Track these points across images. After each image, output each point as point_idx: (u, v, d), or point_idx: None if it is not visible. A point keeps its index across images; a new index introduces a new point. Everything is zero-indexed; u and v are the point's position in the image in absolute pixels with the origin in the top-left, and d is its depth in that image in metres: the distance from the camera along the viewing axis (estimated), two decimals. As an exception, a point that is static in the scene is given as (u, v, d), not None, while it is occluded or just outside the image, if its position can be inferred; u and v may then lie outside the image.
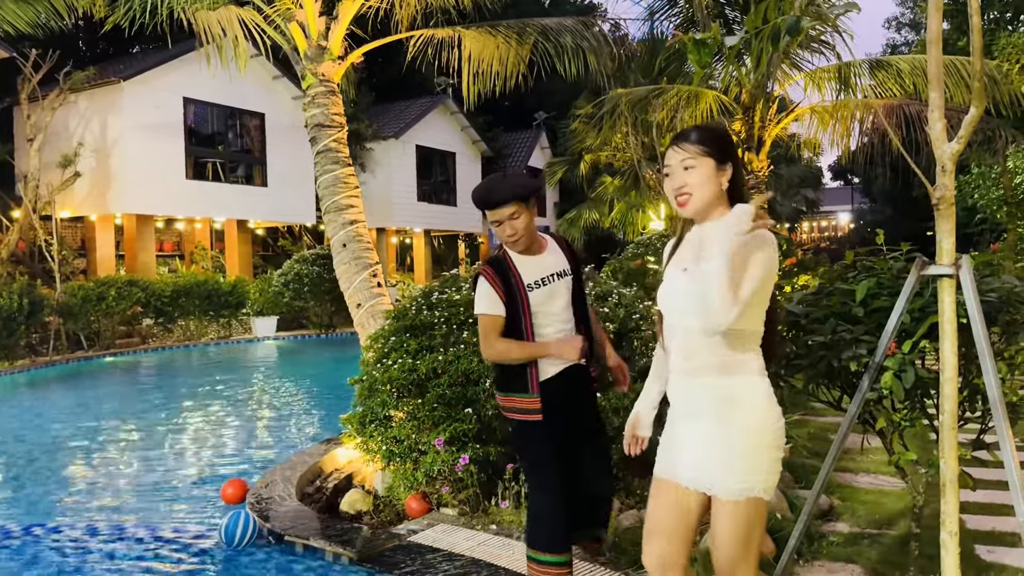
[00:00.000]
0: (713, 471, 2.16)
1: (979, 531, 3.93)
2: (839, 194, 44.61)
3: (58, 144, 16.03)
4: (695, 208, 2.21)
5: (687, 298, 2.19)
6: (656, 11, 10.81)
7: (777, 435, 2.17)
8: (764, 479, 2.14)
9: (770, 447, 2.15)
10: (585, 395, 3.05)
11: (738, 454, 2.13)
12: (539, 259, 2.98)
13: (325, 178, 6.42)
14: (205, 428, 8.21)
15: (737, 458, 2.13)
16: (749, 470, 2.13)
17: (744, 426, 2.14)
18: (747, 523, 2.14)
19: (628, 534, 3.75)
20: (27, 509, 5.41)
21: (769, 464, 2.15)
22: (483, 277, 2.93)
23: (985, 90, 8.30)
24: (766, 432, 2.15)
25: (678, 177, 2.21)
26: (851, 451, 5.31)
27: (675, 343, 2.28)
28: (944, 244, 2.44)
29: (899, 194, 27.73)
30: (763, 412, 2.16)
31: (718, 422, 2.16)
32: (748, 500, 2.13)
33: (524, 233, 2.89)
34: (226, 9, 6.67)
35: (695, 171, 2.19)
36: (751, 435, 2.14)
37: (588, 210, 20.97)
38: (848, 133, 10.63)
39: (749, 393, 2.17)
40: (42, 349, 13.08)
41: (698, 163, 2.19)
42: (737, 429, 2.14)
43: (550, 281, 2.96)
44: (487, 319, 2.91)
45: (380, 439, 4.53)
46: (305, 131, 6.74)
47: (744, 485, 2.12)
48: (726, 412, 2.16)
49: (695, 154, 2.19)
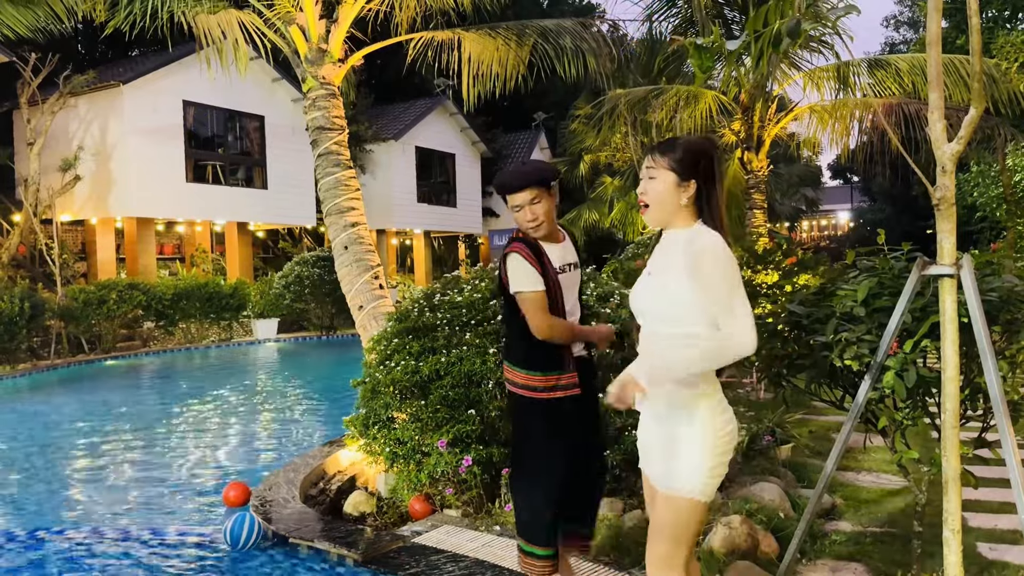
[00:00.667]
0: (655, 464, 2.29)
1: (981, 529, 3.94)
2: (839, 193, 44.62)
3: (58, 148, 16.05)
4: (651, 216, 2.32)
5: (644, 300, 2.32)
6: (655, 12, 10.82)
7: (721, 440, 2.21)
8: (702, 481, 2.17)
9: (712, 451, 2.18)
10: (592, 389, 3.06)
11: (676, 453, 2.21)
12: (560, 247, 2.98)
13: (326, 181, 6.43)
14: (208, 431, 8.23)
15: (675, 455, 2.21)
16: (688, 469, 2.18)
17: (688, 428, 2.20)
18: (675, 519, 2.19)
19: (632, 534, 3.77)
20: (31, 512, 5.42)
21: (709, 469, 2.18)
22: (519, 255, 2.86)
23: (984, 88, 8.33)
24: (709, 435, 2.19)
25: (642, 184, 2.32)
26: (854, 450, 5.33)
27: (641, 344, 2.38)
28: (945, 244, 2.46)
29: (899, 193, 27.74)
30: (708, 417, 2.20)
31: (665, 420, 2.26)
32: (682, 498, 2.18)
33: (545, 219, 2.89)
34: (226, 12, 6.68)
35: (654, 182, 2.27)
36: (694, 438, 2.19)
37: (588, 210, 21.00)
38: (847, 132, 10.65)
39: (697, 397, 2.20)
40: (43, 353, 13.10)
41: (659, 175, 2.26)
42: (682, 429, 2.21)
43: (570, 269, 2.98)
44: (536, 296, 2.84)
45: (383, 441, 4.54)
46: (305, 133, 6.75)
47: (678, 483, 2.19)
48: (674, 411, 2.23)
49: (659, 165, 2.27)
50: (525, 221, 2.90)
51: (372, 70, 23.51)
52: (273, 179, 19.43)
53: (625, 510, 4.11)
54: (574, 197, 23.25)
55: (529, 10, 25.29)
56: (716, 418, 2.21)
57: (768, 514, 3.84)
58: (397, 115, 24.03)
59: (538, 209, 2.87)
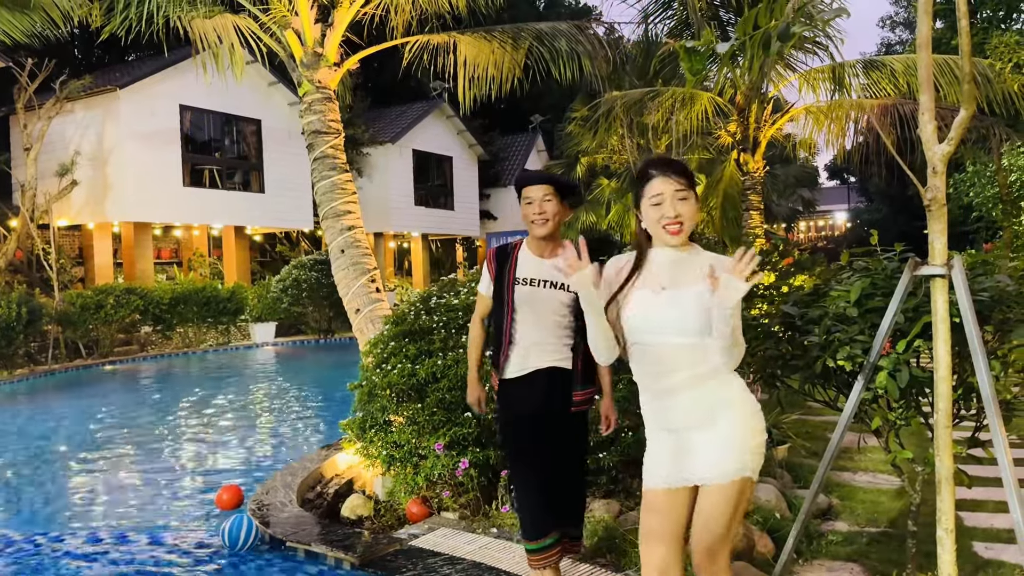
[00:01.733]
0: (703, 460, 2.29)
1: (977, 528, 3.95)
2: (836, 193, 44.69)
3: (55, 153, 16.04)
4: (683, 236, 2.34)
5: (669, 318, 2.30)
6: (651, 14, 10.83)
7: (760, 419, 2.35)
8: (753, 459, 2.29)
9: (756, 431, 2.32)
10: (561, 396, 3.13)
11: (728, 438, 2.28)
12: (543, 262, 3.09)
13: (323, 184, 6.44)
14: (205, 434, 8.22)
15: (728, 441, 2.28)
16: (742, 450, 2.27)
17: (735, 418, 2.29)
18: (737, 502, 2.28)
19: (631, 535, 3.77)
20: (28, 517, 5.42)
21: (757, 446, 2.31)
22: (488, 258, 3.23)
23: (979, 89, 8.33)
24: (753, 418, 2.32)
25: (672, 206, 2.30)
26: (849, 450, 5.34)
27: (649, 362, 2.35)
28: (936, 244, 2.47)
29: (895, 192, 27.80)
30: (747, 403, 2.33)
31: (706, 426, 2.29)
32: (741, 479, 2.27)
33: (551, 218, 3.04)
34: (222, 17, 6.69)
35: (688, 203, 2.31)
36: (741, 424, 2.29)
37: (585, 212, 21.00)
38: (843, 133, 10.67)
39: (733, 391, 2.32)
40: (41, 358, 13.09)
41: (689, 195, 2.32)
42: (729, 422, 2.28)
43: (541, 285, 3.06)
44: (478, 297, 3.30)
45: (380, 444, 4.55)
46: (302, 137, 6.76)
47: (737, 465, 2.26)
48: (718, 412, 2.29)
49: (686, 187, 2.31)
50: (532, 213, 3.04)
51: (369, 73, 23.53)
52: (270, 183, 19.43)
53: (621, 512, 4.12)
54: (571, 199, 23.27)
55: (525, 13, 25.35)
56: (750, 396, 2.35)
57: (764, 514, 3.85)
58: (394, 118, 24.04)
59: (548, 207, 3.02)
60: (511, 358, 3.10)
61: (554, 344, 3.08)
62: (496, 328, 3.22)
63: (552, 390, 3.10)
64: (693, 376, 2.29)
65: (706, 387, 2.29)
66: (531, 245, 3.18)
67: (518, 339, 3.10)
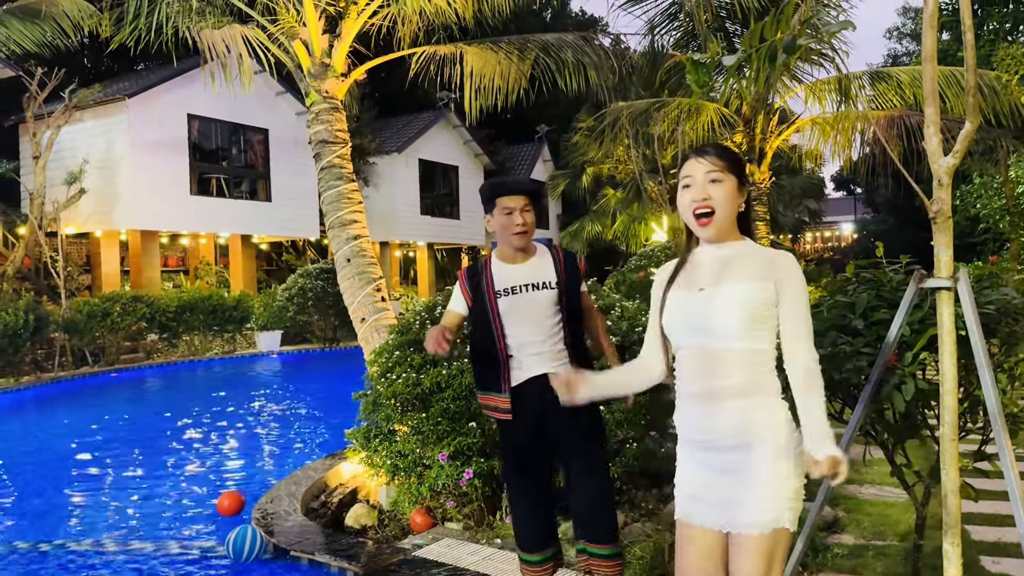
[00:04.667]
0: (736, 504, 2.01)
1: (984, 542, 3.92)
2: (842, 204, 44.61)
3: (64, 161, 16.14)
4: (717, 226, 2.08)
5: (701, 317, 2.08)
6: (657, 26, 10.87)
7: (800, 460, 2.01)
8: (791, 507, 2.00)
9: (794, 474, 2.01)
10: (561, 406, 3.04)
11: (763, 482, 1.99)
12: (518, 268, 3.09)
13: (329, 194, 6.46)
14: (210, 443, 8.23)
15: (763, 486, 1.99)
16: (775, 498, 1.98)
17: (768, 452, 2.00)
18: (771, 558, 1.98)
19: (632, 548, 3.76)
20: (33, 525, 5.43)
21: (795, 491, 2.01)
22: (460, 277, 3.21)
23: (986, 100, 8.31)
24: (790, 457, 2.01)
25: (701, 188, 2.07)
26: (856, 462, 5.31)
27: (687, 366, 2.13)
28: (942, 257, 2.47)
29: (902, 204, 27.74)
30: (786, 436, 2.02)
31: (741, 448, 2.02)
32: (774, 532, 1.98)
33: (530, 229, 3.06)
34: (230, 27, 6.74)
35: (722, 185, 2.07)
36: (776, 461, 2.00)
37: (591, 222, 21.04)
38: (849, 144, 10.68)
39: (771, 416, 2.03)
40: (47, 365, 13.12)
41: (725, 178, 2.07)
42: (761, 455, 2.00)
43: (522, 291, 3.05)
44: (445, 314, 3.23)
45: (384, 453, 4.54)
46: (309, 146, 6.79)
47: (770, 516, 1.98)
48: (748, 436, 2.02)
49: (722, 168, 2.07)
50: (514, 224, 3.01)
51: (376, 83, 23.61)
52: (277, 192, 19.51)
53: (626, 523, 4.11)
54: (577, 209, 23.31)
55: (532, 25, 25.45)
56: (793, 428, 2.03)
57: (769, 527, 3.83)
58: (400, 128, 24.14)
59: (527, 217, 3.03)
60: (513, 369, 3.06)
61: (549, 347, 3.04)
62: (486, 347, 3.12)
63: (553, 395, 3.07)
64: (728, 385, 2.02)
65: (744, 402, 2.02)
66: (502, 255, 3.14)
67: (514, 350, 3.06)
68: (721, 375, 2.04)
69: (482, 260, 3.22)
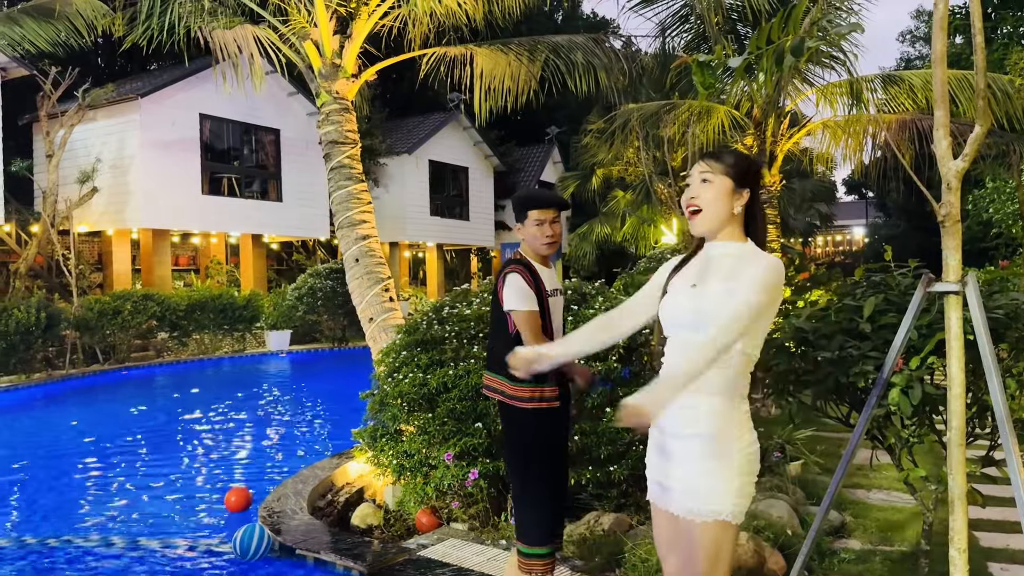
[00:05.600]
0: (680, 493, 2.15)
1: (993, 548, 3.90)
2: (854, 208, 44.40)
3: (76, 160, 16.25)
4: (701, 223, 2.20)
5: (688, 313, 2.19)
6: (668, 27, 10.84)
7: (749, 459, 2.14)
8: (734, 502, 2.10)
9: (741, 471, 2.12)
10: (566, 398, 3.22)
11: (709, 474, 2.11)
12: (550, 272, 3.23)
13: (338, 194, 6.49)
14: (219, 440, 8.27)
15: (708, 478, 2.11)
16: (716, 492, 2.10)
17: (718, 447, 2.11)
18: (714, 547, 2.11)
19: (637, 551, 3.75)
20: (42, 520, 5.47)
21: (739, 488, 2.11)
22: (518, 275, 3.04)
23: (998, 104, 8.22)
24: (739, 454, 2.12)
25: (693, 188, 2.22)
26: (864, 467, 5.28)
27: (669, 353, 2.27)
28: (950, 261, 2.45)
29: (914, 208, 27.60)
30: (737, 434, 2.13)
31: (695, 441, 2.13)
32: (716, 523, 2.10)
33: (558, 239, 3.17)
34: (242, 28, 6.77)
35: (710, 186, 2.19)
36: (724, 457, 2.11)
37: (600, 224, 21.01)
38: (861, 148, 10.61)
39: (727, 414, 2.14)
40: (59, 362, 13.21)
41: (716, 179, 2.18)
42: (711, 450, 2.11)
43: (556, 294, 3.21)
44: (530, 315, 3.02)
45: (391, 453, 4.55)
46: (319, 147, 6.82)
47: (710, 507, 2.09)
48: (704, 431, 2.12)
49: (716, 170, 2.19)
50: (544, 235, 3.13)
51: (386, 84, 23.68)
52: (288, 192, 19.58)
53: (631, 527, 4.10)
54: (586, 211, 23.28)
55: (543, 26, 25.44)
56: (744, 434, 2.15)
57: (776, 531, 3.82)
58: (411, 129, 24.18)
59: (557, 228, 3.15)
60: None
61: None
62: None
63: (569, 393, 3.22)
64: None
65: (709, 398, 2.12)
66: (535, 259, 3.24)
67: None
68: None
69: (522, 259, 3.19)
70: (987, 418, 2.83)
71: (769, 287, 2.09)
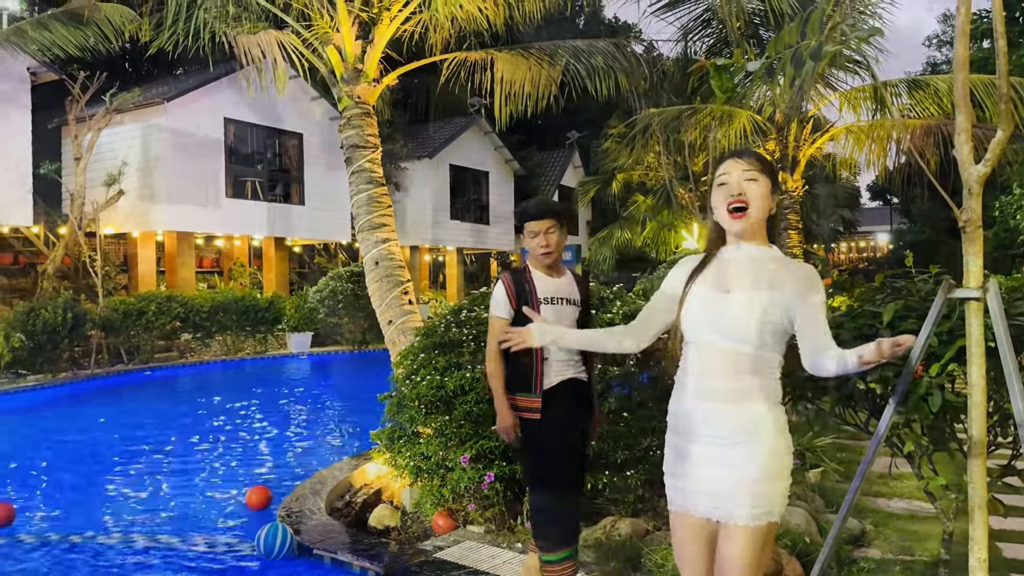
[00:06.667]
0: (730, 498, 2.15)
1: (1016, 559, 3.84)
2: (878, 214, 43.90)
3: (103, 163, 16.49)
4: (749, 222, 2.17)
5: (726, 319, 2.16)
6: (690, 31, 10.82)
7: (789, 464, 2.20)
8: (780, 503, 2.17)
9: (783, 475, 2.17)
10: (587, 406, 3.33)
11: (757, 480, 2.13)
12: (555, 281, 3.29)
13: (359, 197, 6.54)
14: (240, 440, 8.34)
15: (757, 483, 2.13)
16: (767, 495, 2.14)
17: (761, 453, 2.13)
18: (762, 547, 2.15)
19: (657, 556, 3.74)
20: (65, 517, 5.55)
21: (783, 490, 2.18)
22: (501, 283, 3.28)
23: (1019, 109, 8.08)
24: (781, 459, 2.17)
25: (737, 185, 2.17)
26: (885, 476, 5.22)
27: (694, 363, 2.23)
28: (971, 267, 2.43)
29: (939, 214, 27.23)
30: (777, 440, 2.16)
31: (735, 448, 2.15)
32: (768, 524, 2.15)
33: (555, 249, 3.24)
34: (266, 33, 6.86)
35: (757, 184, 2.17)
36: (768, 462, 2.14)
37: (620, 229, 20.96)
38: (885, 153, 10.51)
39: (766, 420, 2.15)
40: (84, 362, 13.40)
41: (759, 178, 2.18)
42: (754, 455, 2.13)
43: (560, 303, 3.25)
44: (497, 322, 3.26)
45: (408, 455, 4.57)
46: (341, 151, 6.88)
47: (763, 510, 2.13)
48: (743, 438, 2.15)
49: (758, 169, 2.18)
50: (539, 247, 3.23)
51: (408, 89, 23.79)
52: (310, 195, 19.74)
53: (648, 532, 4.09)
54: (607, 216, 23.24)
55: (565, 30, 25.45)
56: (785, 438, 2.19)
57: (794, 538, 3.79)
58: (432, 133, 24.29)
59: (551, 238, 3.22)
60: (545, 372, 3.22)
61: (573, 354, 3.25)
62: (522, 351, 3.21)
63: (580, 400, 3.29)
64: (734, 386, 2.14)
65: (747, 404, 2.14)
66: (539, 267, 3.33)
67: (548, 354, 3.24)
68: (730, 375, 2.16)
69: (519, 267, 3.37)
70: (1009, 426, 2.79)
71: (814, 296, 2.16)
